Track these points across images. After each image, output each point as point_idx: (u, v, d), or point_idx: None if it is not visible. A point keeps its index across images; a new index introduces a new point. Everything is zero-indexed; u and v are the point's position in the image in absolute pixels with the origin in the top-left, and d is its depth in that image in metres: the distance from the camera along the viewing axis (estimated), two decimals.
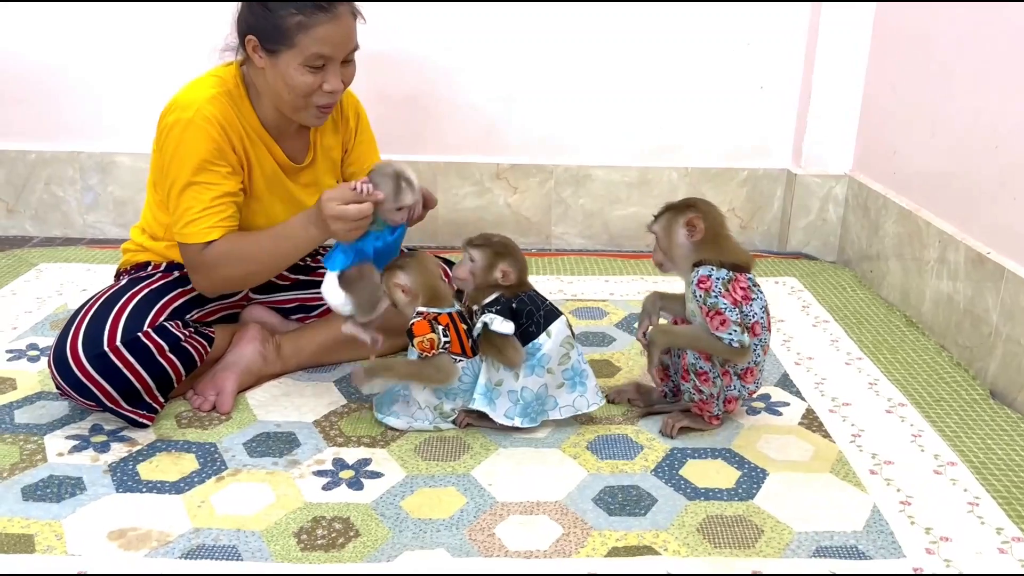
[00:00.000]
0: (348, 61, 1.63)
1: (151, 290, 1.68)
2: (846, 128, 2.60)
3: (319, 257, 1.95)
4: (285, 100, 1.62)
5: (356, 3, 1.64)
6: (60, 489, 1.41)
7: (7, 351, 1.92)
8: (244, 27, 1.61)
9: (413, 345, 1.56)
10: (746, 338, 1.48)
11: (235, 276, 1.66)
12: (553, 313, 1.58)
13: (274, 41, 1.56)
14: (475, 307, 1.59)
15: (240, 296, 1.85)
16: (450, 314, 1.58)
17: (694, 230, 1.53)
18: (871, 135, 2.53)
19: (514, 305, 1.56)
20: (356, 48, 1.64)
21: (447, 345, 1.54)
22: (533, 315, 1.56)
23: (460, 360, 1.57)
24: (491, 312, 1.55)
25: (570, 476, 1.47)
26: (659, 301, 1.64)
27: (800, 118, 2.66)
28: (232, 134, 1.63)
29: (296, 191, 1.77)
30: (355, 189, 1.51)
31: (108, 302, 1.62)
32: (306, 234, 1.58)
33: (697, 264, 1.53)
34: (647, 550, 1.28)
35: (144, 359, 1.55)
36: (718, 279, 1.50)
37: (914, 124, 2.25)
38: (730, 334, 1.47)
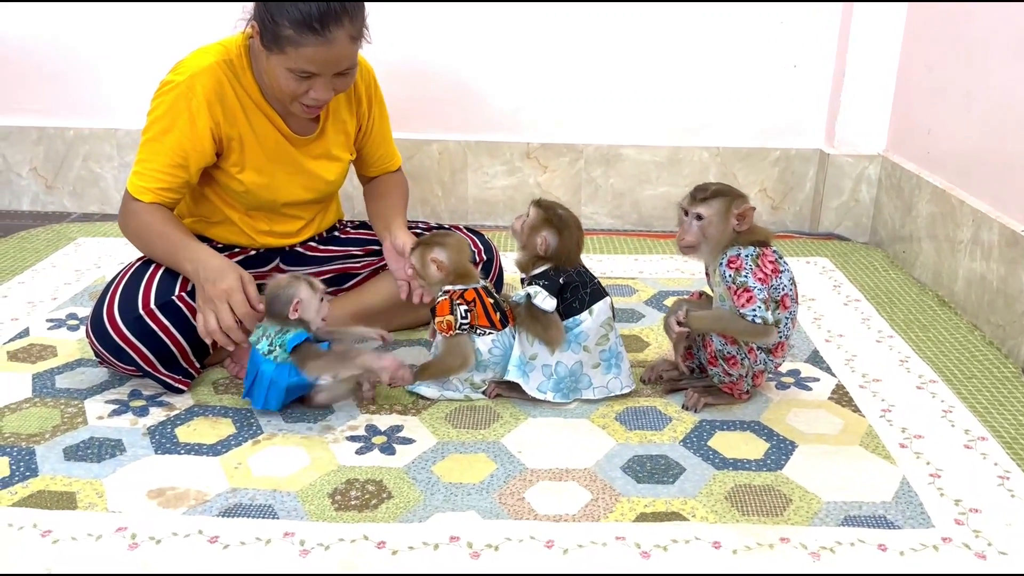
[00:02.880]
0: (343, 74, 1.60)
1: None
2: (880, 108, 2.58)
3: (348, 230, 1.97)
4: (275, 90, 1.62)
5: (364, 20, 1.58)
6: (100, 450, 1.45)
7: (47, 320, 1.97)
8: (254, 10, 1.59)
9: (434, 323, 1.58)
10: (770, 316, 1.48)
11: (133, 240, 1.68)
12: (599, 293, 1.59)
13: (268, 41, 1.54)
14: (523, 276, 1.61)
15: (272, 266, 1.88)
16: (476, 289, 1.59)
17: (744, 220, 1.51)
18: (905, 114, 2.51)
19: (562, 280, 1.56)
20: (353, 66, 1.61)
21: (465, 326, 1.56)
22: (579, 291, 1.57)
23: (489, 332, 1.58)
24: (538, 285, 1.56)
25: (599, 445, 1.49)
26: (685, 305, 1.61)
27: (833, 97, 2.65)
28: (222, 106, 1.64)
29: (305, 162, 1.77)
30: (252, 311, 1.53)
31: (140, 269, 1.65)
32: (182, 267, 1.60)
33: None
34: (675, 516, 1.29)
35: (179, 321, 1.58)
36: (747, 256, 1.50)
37: (949, 102, 2.23)
38: (754, 311, 1.47)
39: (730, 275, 1.49)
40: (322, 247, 1.92)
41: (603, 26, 2.63)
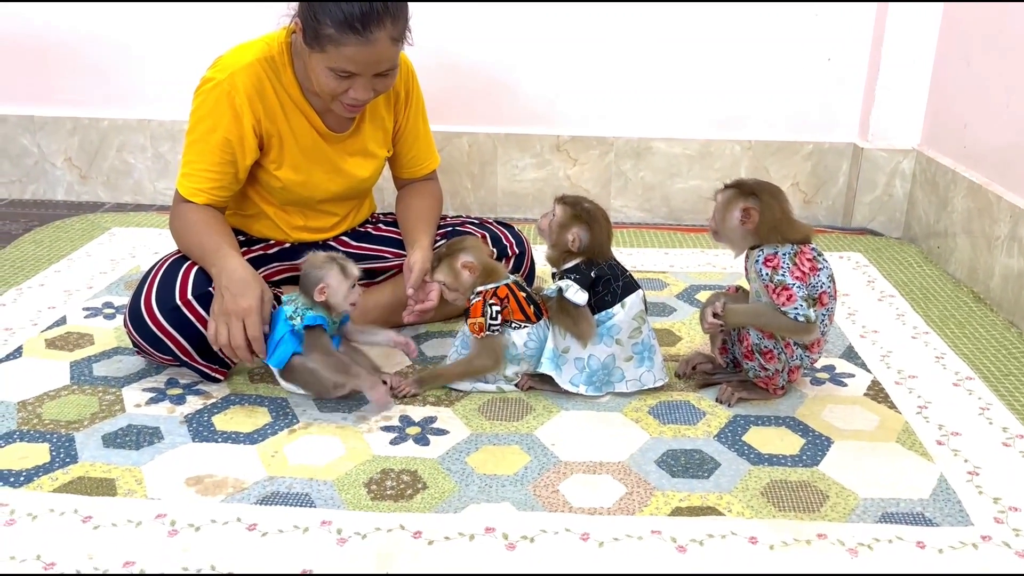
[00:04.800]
0: (383, 74, 1.60)
1: None
2: (915, 101, 2.55)
3: (381, 226, 1.98)
4: (316, 89, 1.63)
5: (407, 22, 1.58)
6: (139, 437, 1.47)
7: (84, 308, 1.99)
8: (298, 8, 1.60)
9: (467, 324, 1.58)
10: (812, 313, 1.47)
11: (176, 239, 1.70)
12: (631, 286, 1.59)
13: (310, 39, 1.55)
14: (554, 271, 1.61)
15: (303, 260, 1.89)
16: (507, 285, 1.60)
17: (748, 219, 1.51)
18: (941, 108, 2.48)
19: (593, 274, 1.56)
20: (393, 67, 1.61)
21: (496, 327, 1.56)
22: (611, 284, 1.56)
23: (524, 325, 1.58)
24: (569, 279, 1.55)
25: (632, 439, 1.48)
26: (722, 298, 1.60)
27: (868, 91, 2.62)
28: (262, 103, 1.65)
29: (340, 160, 1.77)
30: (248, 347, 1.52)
31: (178, 260, 1.67)
32: (209, 271, 1.60)
33: (756, 246, 1.53)
34: (711, 511, 1.29)
35: None
36: (784, 255, 1.49)
37: (987, 96, 2.20)
38: (796, 308, 1.46)
39: (767, 273, 1.48)
40: (355, 243, 1.93)
41: (634, 18, 2.62)
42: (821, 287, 1.51)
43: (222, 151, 1.64)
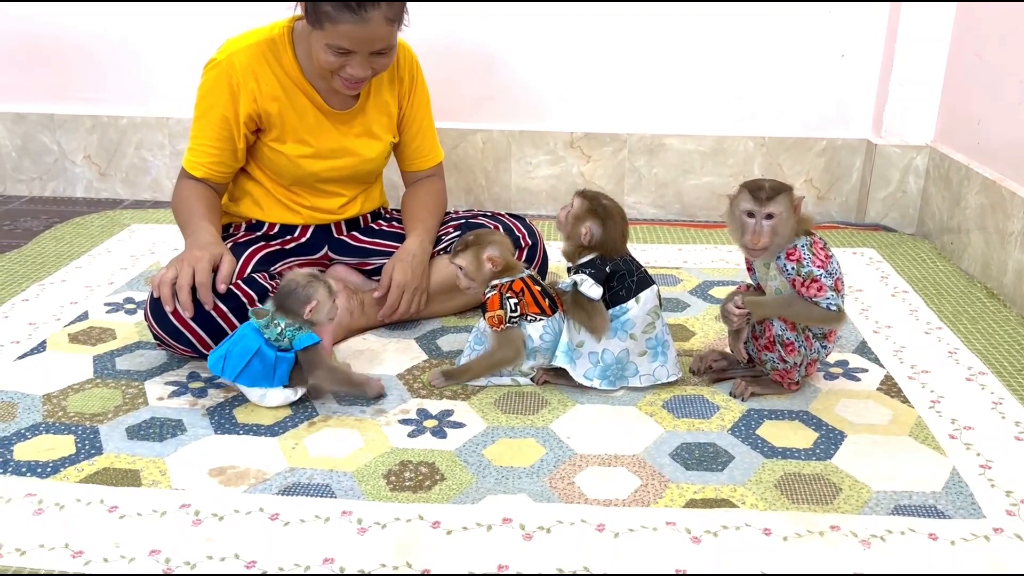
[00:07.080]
0: (380, 53, 1.67)
1: (236, 244, 1.82)
2: (928, 97, 2.56)
3: (394, 223, 2.01)
4: (317, 67, 1.70)
5: (404, 4, 1.65)
6: (162, 430, 1.50)
7: (105, 304, 2.02)
8: None
9: (485, 318, 1.60)
10: (841, 301, 1.49)
11: (173, 210, 1.83)
12: (646, 281, 1.60)
13: (311, 17, 1.63)
14: (569, 265, 1.63)
15: (321, 255, 1.92)
16: (522, 279, 1.61)
17: (797, 211, 1.50)
18: (955, 104, 2.48)
19: (608, 269, 1.58)
20: (390, 47, 1.67)
21: (515, 319, 1.58)
22: (625, 279, 1.58)
23: (540, 318, 1.60)
24: (584, 273, 1.57)
25: (647, 432, 1.50)
26: (738, 296, 1.60)
27: (881, 87, 2.62)
28: (258, 82, 1.74)
29: (346, 138, 1.84)
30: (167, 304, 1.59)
31: None
32: (185, 239, 1.74)
33: None
34: (725, 503, 1.31)
35: (235, 306, 1.63)
36: (803, 246, 1.50)
37: (1000, 92, 2.20)
38: (827, 299, 1.47)
39: (792, 268, 1.49)
40: (368, 239, 1.96)
41: (647, 15, 2.63)
42: (836, 273, 1.52)
43: (220, 127, 1.75)
